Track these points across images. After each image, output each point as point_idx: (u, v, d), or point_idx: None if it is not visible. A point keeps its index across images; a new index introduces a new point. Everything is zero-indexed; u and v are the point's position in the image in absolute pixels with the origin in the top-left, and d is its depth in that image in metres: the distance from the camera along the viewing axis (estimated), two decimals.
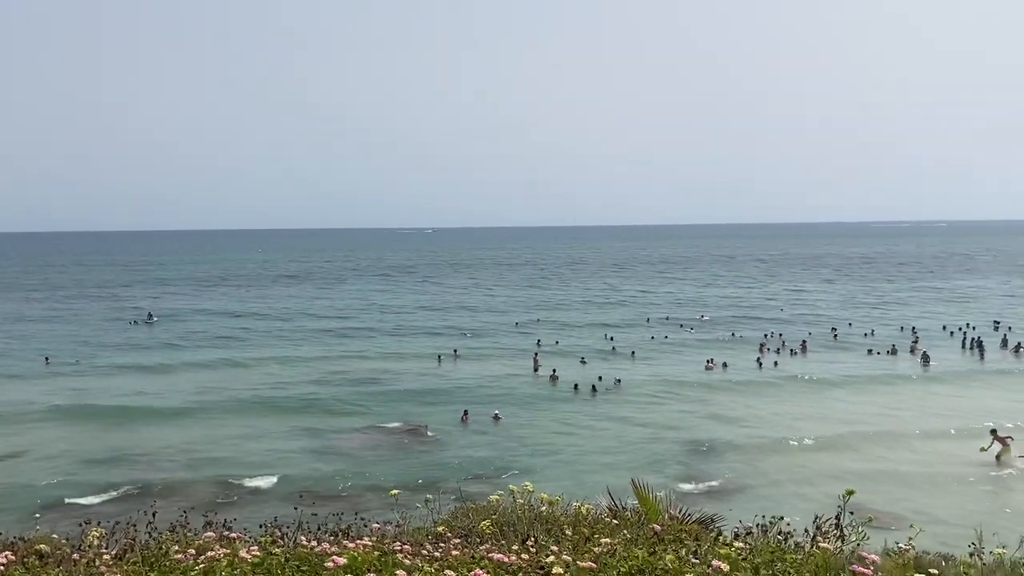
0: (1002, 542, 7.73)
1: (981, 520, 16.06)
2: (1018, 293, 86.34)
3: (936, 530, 17.53)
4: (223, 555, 4.45)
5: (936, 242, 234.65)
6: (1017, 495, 23.68)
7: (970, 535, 8.18)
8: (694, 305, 77.57)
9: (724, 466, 26.67)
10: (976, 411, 33.28)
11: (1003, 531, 8.77)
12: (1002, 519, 20.22)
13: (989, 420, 29.97)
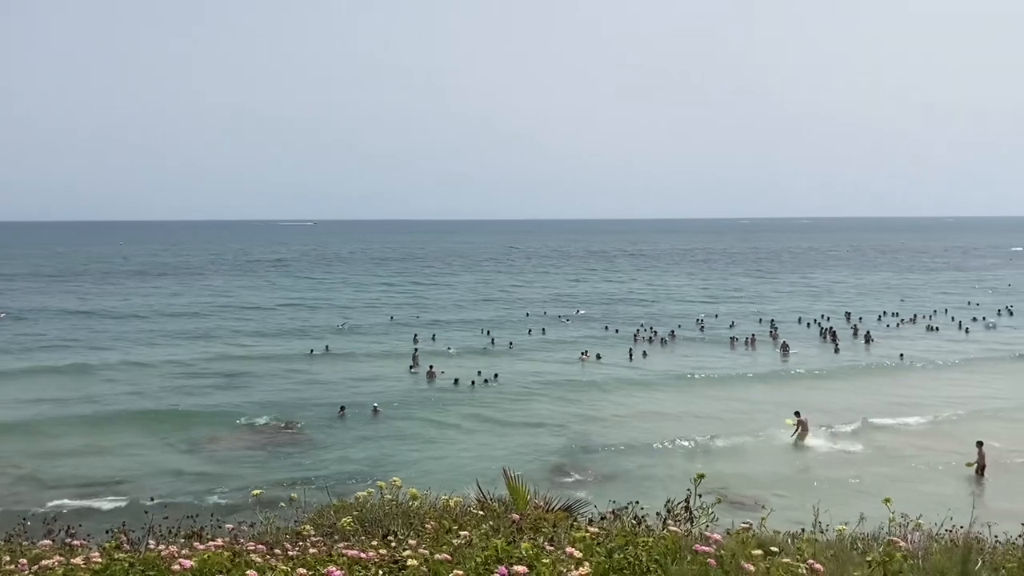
0: (845, 520, 8.26)
1: (824, 500, 17.01)
2: (869, 286, 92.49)
3: (794, 514, 18.50)
4: (57, 563, 4.17)
5: (795, 237, 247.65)
6: (840, 472, 25.27)
7: (826, 516, 8.74)
8: (569, 299, 78.94)
9: (598, 456, 27.31)
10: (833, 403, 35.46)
11: (846, 509, 9.32)
12: (845, 498, 21.51)
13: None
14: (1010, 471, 24.98)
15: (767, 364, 45.21)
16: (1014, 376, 40.97)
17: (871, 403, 34.31)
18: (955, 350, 48.70)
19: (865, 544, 6.73)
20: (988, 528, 8.20)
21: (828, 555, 4.38)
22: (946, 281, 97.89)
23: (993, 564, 5.79)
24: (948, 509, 9.70)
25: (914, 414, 32.54)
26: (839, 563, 3.94)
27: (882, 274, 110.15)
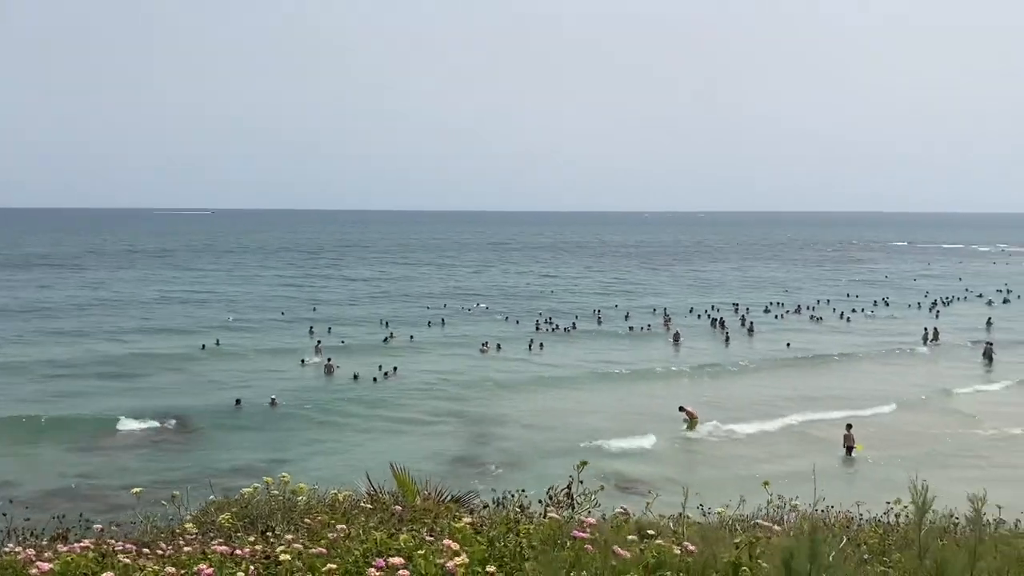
0: (726, 502, 8.57)
1: (712, 485, 17.64)
2: (753, 279, 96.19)
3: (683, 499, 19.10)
4: None
5: (687, 231, 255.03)
6: (727, 459, 26.30)
7: (723, 498, 9.05)
8: (470, 292, 79.05)
9: (498, 448, 27.45)
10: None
11: (731, 493, 9.67)
12: (732, 483, 22.34)
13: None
14: (889, 454, 26.36)
15: (662, 355, 46.38)
16: (896, 367, 43.32)
17: (762, 392, 35.79)
18: (837, 340, 51.13)
19: (743, 525, 6.99)
20: (857, 507, 8.68)
21: (701, 536, 4.54)
22: (829, 272, 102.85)
23: (857, 540, 6.13)
24: (822, 491, 10.15)
25: (804, 401, 34.07)
26: (709, 543, 4.08)
27: (769, 266, 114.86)
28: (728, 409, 32.40)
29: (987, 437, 28.75)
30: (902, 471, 23.81)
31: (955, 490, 6.38)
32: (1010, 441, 28.24)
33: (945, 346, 48.55)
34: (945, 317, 60.75)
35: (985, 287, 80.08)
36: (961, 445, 27.60)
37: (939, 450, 26.92)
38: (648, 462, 25.81)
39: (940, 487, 4.83)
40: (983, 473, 23.39)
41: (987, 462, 25.51)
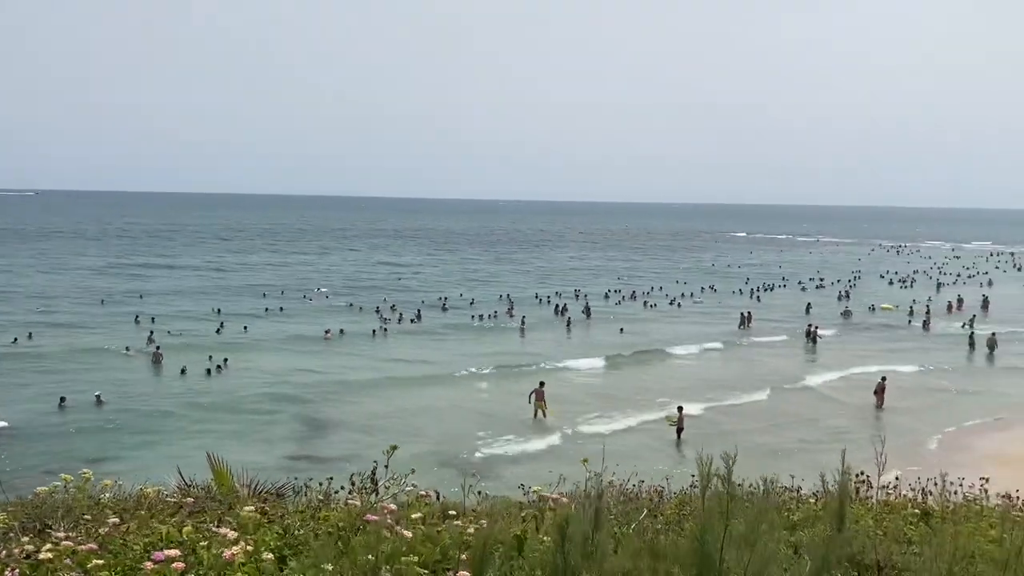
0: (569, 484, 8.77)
1: (553, 466, 18.02)
2: (597, 266, 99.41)
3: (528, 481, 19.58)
4: None
5: (537, 221, 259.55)
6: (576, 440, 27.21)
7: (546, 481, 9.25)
8: (309, 279, 77.02)
9: (334, 440, 26.99)
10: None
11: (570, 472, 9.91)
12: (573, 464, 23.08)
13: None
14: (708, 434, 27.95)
15: (508, 341, 47.03)
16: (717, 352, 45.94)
17: (609, 378, 37.15)
18: (668, 326, 53.73)
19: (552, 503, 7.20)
20: (667, 481, 9.14)
21: (502, 514, 4.66)
22: (663, 261, 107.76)
23: (657, 511, 6.47)
24: (655, 469, 10.58)
25: (644, 385, 35.61)
26: (506, 519, 4.18)
27: (608, 254, 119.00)
28: (576, 392, 33.37)
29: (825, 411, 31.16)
30: (714, 444, 25.50)
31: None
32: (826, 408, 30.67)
33: (763, 328, 51.88)
34: (767, 302, 65.11)
35: (802, 274, 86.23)
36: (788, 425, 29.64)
37: (769, 430, 28.83)
38: (492, 445, 26.25)
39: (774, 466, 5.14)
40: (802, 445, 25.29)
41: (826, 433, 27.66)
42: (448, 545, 3.88)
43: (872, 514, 6.00)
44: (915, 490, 7.49)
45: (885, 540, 4.90)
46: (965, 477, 9.90)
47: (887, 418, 30.49)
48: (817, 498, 6.38)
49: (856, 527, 5.11)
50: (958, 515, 6.25)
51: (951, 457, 24.77)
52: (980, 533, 5.47)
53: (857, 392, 33.40)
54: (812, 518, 5.68)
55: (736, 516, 3.75)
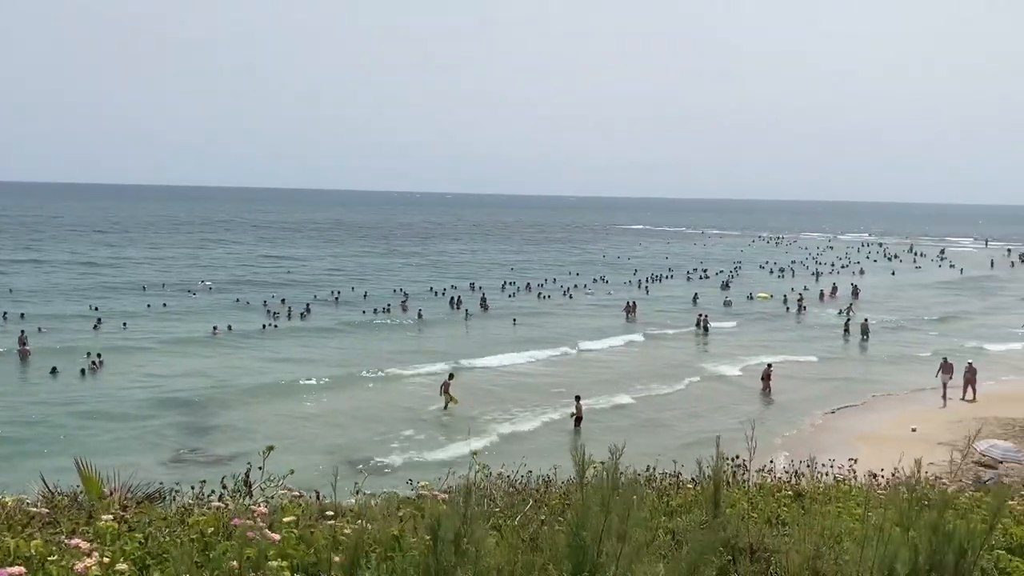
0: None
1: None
2: (491, 259, 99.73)
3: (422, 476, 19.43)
4: None
5: (416, 211, 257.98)
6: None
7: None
8: (192, 272, 74.18)
9: (222, 438, 26.10)
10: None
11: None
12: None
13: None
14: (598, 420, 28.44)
15: (402, 335, 46.48)
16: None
17: (522, 375, 37.21)
18: (562, 316, 54.47)
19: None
20: (555, 470, 9.17)
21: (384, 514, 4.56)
22: (556, 253, 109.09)
23: (543, 502, 6.48)
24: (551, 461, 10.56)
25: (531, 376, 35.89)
26: (385, 518, 4.09)
27: (502, 247, 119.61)
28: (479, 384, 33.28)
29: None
30: (615, 436, 26.07)
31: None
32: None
33: (657, 319, 53.23)
34: (655, 293, 66.84)
35: (687, 266, 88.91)
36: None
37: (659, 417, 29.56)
38: (389, 439, 25.94)
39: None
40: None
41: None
42: (322, 547, 3.75)
43: (748, 497, 6.19)
44: (788, 472, 7.79)
45: (758, 522, 5.05)
46: (835, 458, 10.38)
47: (776, 401, 31.80)
48: (695, 484, 6.54)
49: (732, 511, 5.25)
50: (828, 495, 6.52)
51: (825, 438, 26.13)
52: (847, 512, 5.72)
53: (756, 379, 34.41)
54: (690, 503, 5.81)
55: (616, 506, 3.77)
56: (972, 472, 21.23)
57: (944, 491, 5.16)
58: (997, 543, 5.05)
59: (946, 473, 21.65)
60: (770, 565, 4.31)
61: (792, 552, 4.20)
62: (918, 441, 24.81)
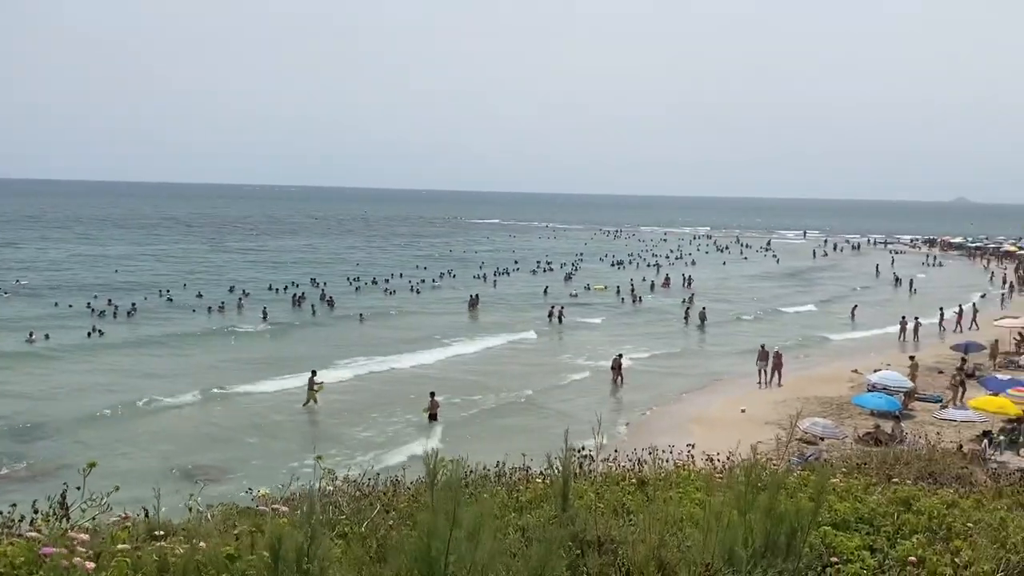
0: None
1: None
2: (335, 254, 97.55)
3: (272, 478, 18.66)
4: None
5: (255, 205, 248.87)
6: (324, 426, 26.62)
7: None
8: (5, 272, 68.01)
9: (40, 447, 24.12)
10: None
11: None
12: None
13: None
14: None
15: (249, 340, 44.21)
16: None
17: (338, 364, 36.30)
18: (415, 310, 54.02)
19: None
20: (403, 471, 9.05)
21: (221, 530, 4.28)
22: (402, 248, 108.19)
23: (391, 506, 6.34)
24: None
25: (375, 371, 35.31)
26: (220, 536, 3.83)
27: (348, 241, 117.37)
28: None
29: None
30: (471, 433, 26.19)
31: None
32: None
33: (511, 313, 53.81)
34: (503, 287, 67.58)
35: (531, 259, 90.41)
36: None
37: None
38: (223, 443, 24.78)
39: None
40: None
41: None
42: (150, 572, 3.46)
43: (595, 488, 6.29)
44: (631, 460, 8.00)
45: (606, 514, 5.13)
46: (675, 442, 10.79)
47: (624, 390, 32.86)
48: (544, 477, 6.59)
49: (580, 503, 5.31)
50: (669, 481, 6.74)
51: (665, 423, 27.30)
52: (688, 497, 5.93)
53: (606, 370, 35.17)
54: (540, 498, 5.83)
55: (467, 507, 3.69)
56: (796, 448, 22.77)
57: (776, 473, 5.42)
58: (823, 519, 5.37)
59: (773, 451, 23.13)
60: (617, 556, 4.37)
61: (638, 543, 4.28)
62: (747, 422, 26.40)
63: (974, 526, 5.67)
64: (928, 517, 5.78)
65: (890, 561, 5.03)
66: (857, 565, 4.92)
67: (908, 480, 7.98)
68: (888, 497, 6.25)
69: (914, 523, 5.66)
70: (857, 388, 30.14)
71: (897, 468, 9.95)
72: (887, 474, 8.87)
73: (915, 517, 5.77)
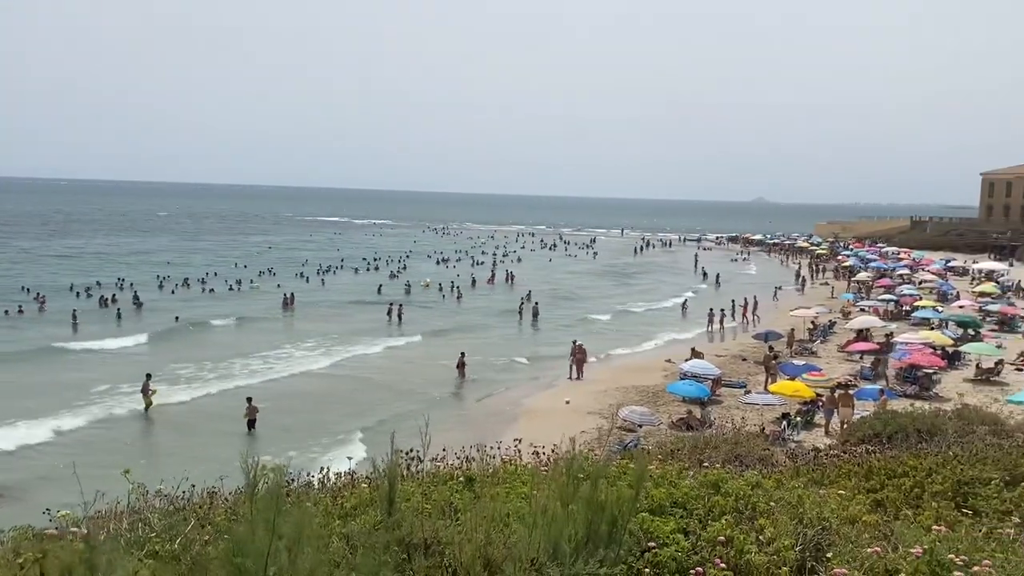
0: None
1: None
2: (139, 251, 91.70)
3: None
4: None
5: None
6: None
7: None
8: None
9: None
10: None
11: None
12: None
13: None
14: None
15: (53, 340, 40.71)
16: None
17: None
18: (233, 311, 51.52)
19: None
20: (221, 481, 8.63)
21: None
22: (218, 245, 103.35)
23: (207, 520, 6.00)
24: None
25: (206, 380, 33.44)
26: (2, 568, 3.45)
27: (158, 240, 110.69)
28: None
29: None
30: (295, 437, 25.29)
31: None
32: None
33: (323, 310, 52.58)
34: (330, 284, 66.04)
35: (357, 256, 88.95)
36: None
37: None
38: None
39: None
40: None
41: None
42: None
43: (422, 488, 6.24)
44: (460, 457, 8.01)
45: (433, 515, 5.09)
46: (505, 437, 10.94)
47: (465, 385, 32.95)
48: (370, 482, 6.46)
49: (407, 505, 5.24)
50: (497, 477, 6.80)
51: (497, 417, 27.68)
52: (515, 492, 5.99)
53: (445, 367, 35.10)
54: (365, 503, 5.71)
55: (285, 522, 3.54)
56: (617, 436, 23.75)
57: (597, 464, 5.59)
58: (641, 506, 5.59)
59: (596, 440, 24.05)
60: (444, 558, 4.35)
61: (464, 542, 4.27)
62: (571, 413, 27.26)
63: (775, 504, 6.10)
64: (735, 498, 6.16)
65: (702, 542, 5.31)
66: (672, 548, 5.15)
67: (717, 463, 8.49)
68: (700, 481, 6.60)
69: (723, 505, 6.01)
70: (671, 377, 31.78)
71: (707, 452, 10.58)
72: (698, 458, 9.41)
73: (724, 499, 6.13)
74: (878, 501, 7.42)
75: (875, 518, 6.51)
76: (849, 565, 5.05)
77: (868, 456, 9.35)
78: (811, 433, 24.28)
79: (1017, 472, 8.24)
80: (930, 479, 7.97)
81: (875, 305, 50.27)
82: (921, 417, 13.34)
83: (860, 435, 12.96)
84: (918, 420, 12.85)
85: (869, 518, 6.43)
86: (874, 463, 8.64)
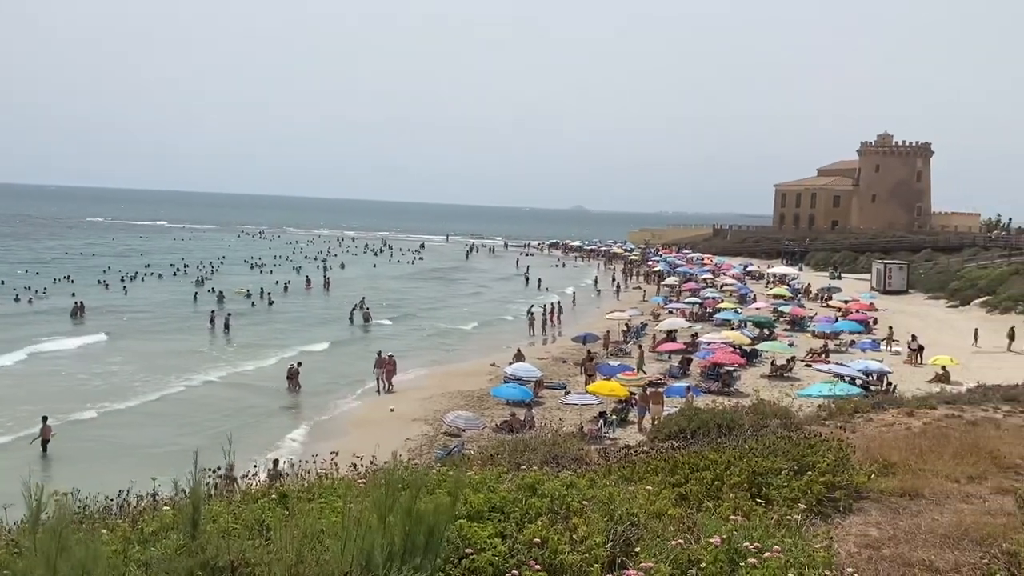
0: None
1: None
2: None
3: None
4: None
5: None
6: None
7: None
8: None
9: None
10: None
11: None
12: None
13: None
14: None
15: None
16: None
17: None
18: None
19: None
20: (4, 511, 7.85)
21: None
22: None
23: None
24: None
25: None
26: None
27: None
28: None
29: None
30: (96, 459, 23.39)
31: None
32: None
33: (128, 321, 49.27)
34: (135, 293, 61.87)
35: (164, 262, 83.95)
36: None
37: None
38: None
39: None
40: None
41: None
42: None
43: (231, 508, 5.95)
44: (272, 474, 7.72)
45: (242, 535, 4.86)
46: (328, 449, 10.63)
47: (298, 396, 31.63)
48: (174, 504, 6.09)
49: (213, 527, 4.98)
50: (312, 492, 6.60)
51: (327, 428, 27.00)
52: (330, 507, 5.84)
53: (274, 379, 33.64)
54: (168, 527, 5.37)
55: (77, 548, 3.25)
56: (442, 442, 23.80)
57: (417, 473, 5.55)
58: (460, 512, 5.61)
59: (421, 447, 23.99)
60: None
61: (274, 562, 4.10)
62: (397, 420, 27.08)
63: (588, 503, 6.30)
64: (551, 499, 6.32)
65: (519, 545, 5.40)
66: (490, 553, 5.21)
67: (535, 466, 8.68)
68: (517, 484, 6.71)
69: (539, 506, 6.14)
70: (495, 380, 32.21)
71: (526, 455, 10.79)
72: (516, 462, 9.58)
73: (540, 500, 6.26)
74: (683, 495, 7.85)
75: (680, 511, 6.88)
76: (655, 558, 5.30)
77: (674, 452, 9.87)
78: (626, 430, 25.38)
79: (804, 462, 8.98)
80: (728, 472, 8.52)
81: (682, 307, 53.16)
82: (721, 413, 14.28)
83: (667, 431, 13.67)
84: (719, 415, 13.74)
85: (674, 511, 6.79)
86: (679, 458, 9.13)
